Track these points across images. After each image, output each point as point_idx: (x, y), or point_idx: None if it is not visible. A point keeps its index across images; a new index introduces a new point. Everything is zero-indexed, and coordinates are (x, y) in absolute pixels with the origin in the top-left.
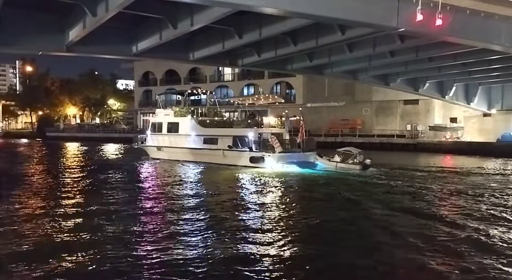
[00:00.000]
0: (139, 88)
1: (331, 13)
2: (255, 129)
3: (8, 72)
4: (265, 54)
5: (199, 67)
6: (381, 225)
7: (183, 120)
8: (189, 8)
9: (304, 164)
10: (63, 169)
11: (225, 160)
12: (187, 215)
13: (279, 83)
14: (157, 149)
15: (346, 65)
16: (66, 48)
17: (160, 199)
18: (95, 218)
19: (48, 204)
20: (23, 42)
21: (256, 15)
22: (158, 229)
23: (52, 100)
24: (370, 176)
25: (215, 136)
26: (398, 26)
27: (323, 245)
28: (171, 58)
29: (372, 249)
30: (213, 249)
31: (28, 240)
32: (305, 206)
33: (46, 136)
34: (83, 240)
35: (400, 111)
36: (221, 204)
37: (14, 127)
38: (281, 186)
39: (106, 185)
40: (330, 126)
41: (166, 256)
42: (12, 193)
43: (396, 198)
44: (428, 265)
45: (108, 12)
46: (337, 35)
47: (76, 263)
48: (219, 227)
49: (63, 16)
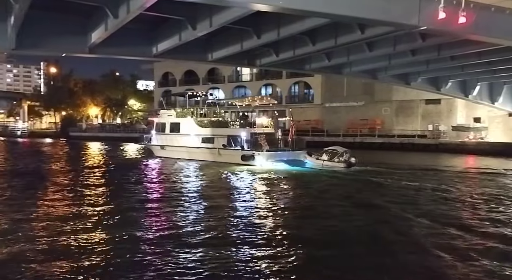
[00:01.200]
0: (159, 89)
1: (350, 12)
2: (247, 129)
3: (33, 74)
4: (283, 54)
5: (217, 68)
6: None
7: (184, 121)
8: (208, 9)
9: (293, 162)
10: (84, 167)
11: (220, 158)
12: (180, 206)
13: (297, 83)
14: (161, 148)
15: (365, 64)
16: (88, 49)
17: (161, 194)
18: (102, 215)
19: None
20: (48, 44)
21: (274, 15)
22: (160, 224)
23: (75, 100)
24: (351, 173)
25: (212, 136)
26: (420, 24)
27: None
28: (190, 58)
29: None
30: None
31: (45, 235)
32: (281, 199)
33: (69, 136)
34: (84, 235)
35: (421, 111)
36: (200, 196)
37: (39, 127)
38: (264, 181)
39: (113, 183)
40: (348, 126)
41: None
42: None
43: (363, 194)
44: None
45: (129, 14)
46: (357, 34)
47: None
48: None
49: (86, 18)
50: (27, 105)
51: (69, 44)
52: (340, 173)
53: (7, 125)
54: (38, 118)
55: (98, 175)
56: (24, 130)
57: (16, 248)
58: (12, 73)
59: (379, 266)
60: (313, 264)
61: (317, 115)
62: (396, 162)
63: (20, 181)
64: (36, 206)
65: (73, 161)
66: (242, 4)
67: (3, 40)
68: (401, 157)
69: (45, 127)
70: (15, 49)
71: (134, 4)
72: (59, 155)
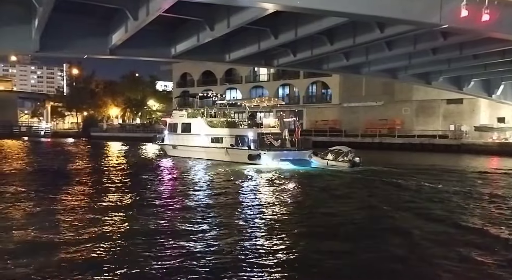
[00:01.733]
0: (177, 89)
1: (369, 11)
2: (254, 129)
3: (56, 75)
4: (300, 54)
5: (234, 68)
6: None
7: (194, 121)
8: (226, 9)
9: (298, 161)
10: (104, 165)
11: (228, 157)
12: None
13: (315, 83)
14: (173, 147)
15: (385, 63)
16: (109, 51)
17: (172, 191)
18: (113, 210)
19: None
20: (70, 46)
21: (291, 15)
22: (171, 218)
23: (96, 101)
24: (354, 172)
25: (221, 135)
26: (441, 22)
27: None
28: (207, 59)
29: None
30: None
31: (64, 228)
32: (281, 196)
33: (91, 136)
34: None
35: (442, 111)
36: (206, 194)
37: (62, 127)
38: (267, 180)
39: (129, 180)
40: (367, 126)
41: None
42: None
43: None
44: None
45: (148, 16)
46: (376, 33)
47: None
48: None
49: (107, 20)
50: (50, 106)
51: (90, 46)
52: (344, 172)
53: (31, 125)
54: (61, 119)
55: (116, 172)
56: (47, 130)
57: (44, 236)
58: (36, 74)
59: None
60: (308, 251)
61: (335, 116)
62: (409, 162)
63: (47, 178)
64: (61, 201)
65: (94, 159)
66: (261, 5)
67: (28, 42)
68: (418, 157)
69: (67, 128)
70: (39, 51)
71: (153, 6)
72: (81, 154)
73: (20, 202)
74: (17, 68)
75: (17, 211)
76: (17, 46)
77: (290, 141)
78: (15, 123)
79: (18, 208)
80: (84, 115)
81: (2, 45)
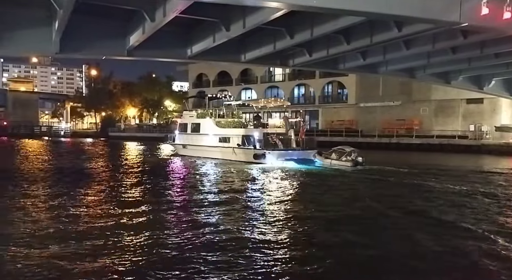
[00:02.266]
0: (193, 90)
1: (386, 9)
2: (260, 129)
3: (75, 76)
4: (316, 54)
5: (250, 68)
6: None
7: (204, 121)
8: (242, 10)
9: (302, 161)
10: (121, 164)
11: (234, 157)
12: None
13: (331, 82)
14: (183, 147)
15: (403, 63)
16: (127, 52)
17: (182, 189)
18: (125, 207)
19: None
20: (89, 48)
21: (307, 14)
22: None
23: (114, 102)
24: (356, 171)
25: (228, 135)
26: (461, 21)
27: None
28: (223, 60)
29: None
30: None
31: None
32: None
33: (109, 136)
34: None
35: (462, 111)
36: (211, 189)
37: (81, 127)
38: (270, 178)
39: (143, 178)
40: (384, 126)
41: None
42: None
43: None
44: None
45: (165, 17)
46: (393, 32)
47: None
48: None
49: (124, 22)
50: (69, 107)
51: (108, 48)
52: (345, 171)
53: (52, 125)
54: (80, 119)
55: (132, 170)
56: (67, 130)
57: (67, 228)
58: (56, 76)
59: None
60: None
61: (351, 116)
62: (419, 163)
63: (71, 176)
64: (86, 194)
65: (112, 158)
66: (276, 5)
67: (48, 44)
68: (433, 158)
69: (86, 128)
70: (59, 53)
71: (170, 7)
72: (101, 153)
73: (50, 197)
74: (38, 69)
75: (49, 205)
76: (38, 48)
77: (295, 141)
78: (36, 123)
79: (49, 203)
80: (102, 115)
81: (24, 47)
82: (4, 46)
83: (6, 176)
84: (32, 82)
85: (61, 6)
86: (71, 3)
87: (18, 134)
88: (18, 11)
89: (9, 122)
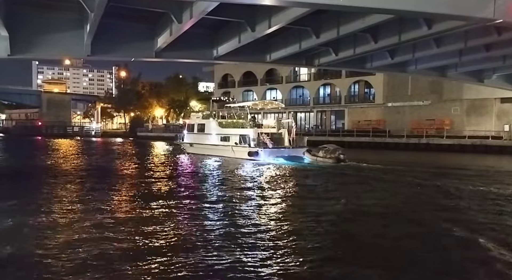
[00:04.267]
0: (218, 90)
1: (415, 7)
2: (255, 129)
3: (106, 78)
4: (342, 53)
5: (275, 69)
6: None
7: (208, 122)
8: (267, 10)
9: (291, 158)
10: (146, 162)
11: (233, 154)
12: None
13: (357, 82)
14: (190, 145)
15: (433, 61)
16: (155, 54)
17: (189, 182)
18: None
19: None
20: (119, 50)
21: (333, 13)
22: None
23: (143, 102)
24: (338, 167)
25: (228, 135)
26: (495, 17)
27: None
28: (248, 60)
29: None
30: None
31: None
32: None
33: (137, 136)
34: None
35: (496, 111)
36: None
37: (110, 127)
38: (261, 172)
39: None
40: (413, 127)
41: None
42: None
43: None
44: None
45: (192, 19)
46: (423, 29)
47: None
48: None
49: (152, 24)
50: (100, 107)
51: (137, 50)
52: (328, 167)
53: (83, 126)
54: (110, 119)
55: (156, 169)
56: (97, 130)
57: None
58: (88, 77)
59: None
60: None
61: (378, 116)
62: (429, 162)
63: (104, 174)
64: (114, 192)
65: (141, 157)
66: (302, 5)
67: (80, 47)
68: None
69: (115, 128)
70: (90, 55)
71: (197, 9)
72: (129, 152)
73: (87, 192)
74: (70, 71)
75: (86, 199)
76: (71, 51)
77: (289, 140)
78: (69, 123)
79: (87, 198)
80: (131, 116)
81: (57, 50)
82: (39, 49)
83: (47, 172)
84: (65, 83)
85: (92, 9)
86: (102, 7)
87: (52, 134)
88: (52, 15)
89: (44, 122)
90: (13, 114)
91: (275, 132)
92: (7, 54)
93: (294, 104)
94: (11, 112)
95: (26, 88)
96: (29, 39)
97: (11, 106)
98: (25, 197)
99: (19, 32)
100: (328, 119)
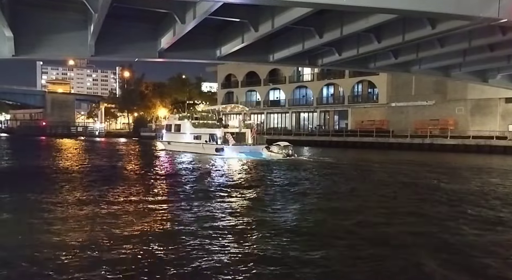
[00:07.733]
0: (222, 90)
1: (419, 6)
2: (221, 129)
3: (109, 78)
4: (346, 53)
5: (278, 69)
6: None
7: (183, 123)
8: (270, 10)
9: (251, 153)
10: (153, 163)
11: (203, 150)
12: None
13: (361, 82)
14: (168, 143)
15: (437, 61)
16: (158, 54)
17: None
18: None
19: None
20: (123, 51)
21: (337, 13)
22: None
23: (146, 102)
24: (284, 161)
25: (199, 134)
26: (499, 16)
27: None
28: (251, 60)
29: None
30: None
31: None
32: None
33: (141, 136)
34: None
35: (500, 111)
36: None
37: (114, 127)
38: (225, 164)
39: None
40: (417, 127)
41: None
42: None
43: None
44: None
45: (195, 19)
46: (427, 29)
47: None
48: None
49: (155, 25)
50: (104, 107)
51: (140, 50)
52: (277, 160)
53: (87, 126)
54: (113, 119)
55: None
56: (101, 130)
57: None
58: (91, 77)
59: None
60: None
61: (381, 116)
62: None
63: (109, 173)
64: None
65: (144, 157)
66: (306, 5)
67: (84, 47)
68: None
69: (119, 128)
70: (94, 55)
71: (200, 9)
72: (133, 152)
73: (92, 191)
74: (74, 71)
75: (93, 199)
76: (75, 51)
77: (252, 138)
78: (73, 123)
79: (95, 199)
80: (134, 116)
81: (61, 50)
82: (43, 49)
83: (52, 172)
84: (69, 84)
85: (96, 10)
86: (106, 7)
87: (56, 134)
88: (56, 16)
89: (48, 122)
90: (18, 115)
91: (239, 132)
92: (12, 55)
93: (298, 104)
94: (15, 112)
95: (30, 89)
96: (33, 39)
97: (16, 107)
98: (31, 194)
99: (24, 33)
100: (332, 120)
